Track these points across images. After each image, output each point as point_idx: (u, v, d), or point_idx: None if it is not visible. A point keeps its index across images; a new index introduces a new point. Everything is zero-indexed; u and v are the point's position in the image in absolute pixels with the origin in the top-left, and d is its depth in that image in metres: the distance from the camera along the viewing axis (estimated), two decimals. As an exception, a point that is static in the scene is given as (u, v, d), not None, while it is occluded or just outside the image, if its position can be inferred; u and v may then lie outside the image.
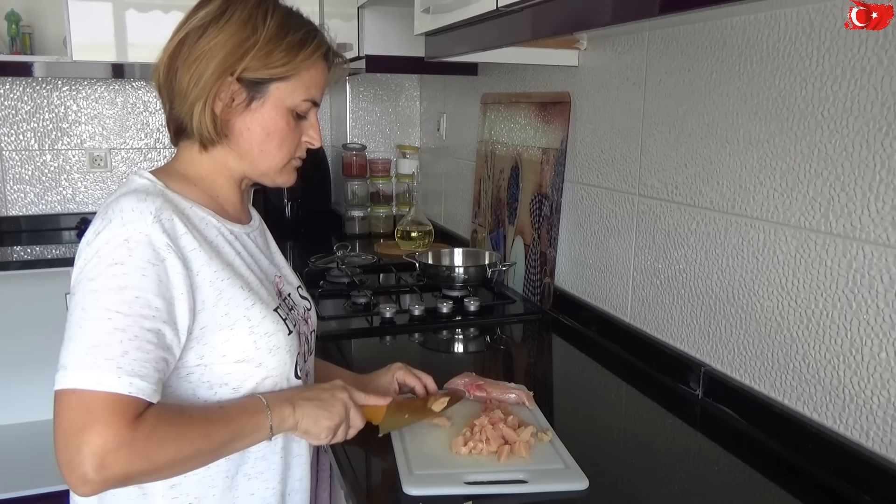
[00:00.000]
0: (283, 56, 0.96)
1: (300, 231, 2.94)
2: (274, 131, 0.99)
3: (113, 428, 0.80)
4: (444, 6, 1.42)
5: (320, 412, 0.98)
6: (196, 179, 1.01)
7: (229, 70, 0.94)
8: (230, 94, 0.96)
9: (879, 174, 0.98)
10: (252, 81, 0.96)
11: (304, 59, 0.98)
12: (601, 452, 1.15)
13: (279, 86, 0.98)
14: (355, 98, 3.05)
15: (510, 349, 1.75)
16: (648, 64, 1.46)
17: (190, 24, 0.96)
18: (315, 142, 1.05)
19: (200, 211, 0.98)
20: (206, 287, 0.91)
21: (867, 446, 1.02)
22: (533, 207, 1.90)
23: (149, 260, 0.86)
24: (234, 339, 0.94)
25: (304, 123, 1.03)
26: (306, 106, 1.01)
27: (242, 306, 0.94)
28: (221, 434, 0.89)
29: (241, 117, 0.98)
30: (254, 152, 1.00)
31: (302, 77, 0.99)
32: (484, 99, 2.25)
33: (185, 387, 0.93)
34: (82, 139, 3.10)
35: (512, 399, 1.23)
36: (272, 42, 0.95)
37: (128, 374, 0.82)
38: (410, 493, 0.98)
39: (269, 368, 0.97)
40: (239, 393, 0.96)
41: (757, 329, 1.22)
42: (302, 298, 1.14)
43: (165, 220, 0.89)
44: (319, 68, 1.01)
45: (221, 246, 0.97)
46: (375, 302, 1.86)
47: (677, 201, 1.39)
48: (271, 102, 0.98)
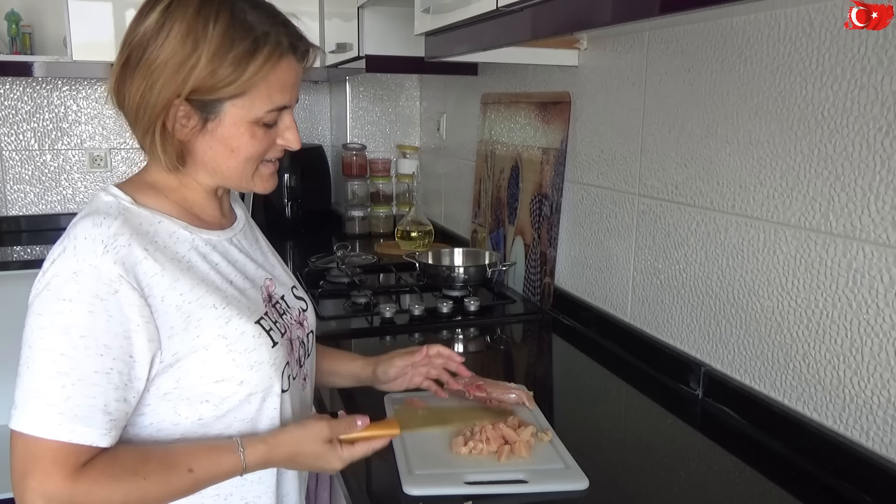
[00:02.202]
0: (230, 73, 0.86)
1: (300, 231, 2.94)
2: (238, 147, 0.91)
3: (52, 478, 0.79)
4: (444, 6, 1.42)
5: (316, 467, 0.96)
6: (167, 191, 0.94)
7: (175, 94, 0.86)
8: (183, 117, 0.88)
9: (879, 174, 0.98)
10: (202, 102, 0.87)
11: (256, 71, 0.87)
12: (601, 452, 1.15)
13: (234, 102, 0.88)
14: (355, 98, 3.05)
15: (510, 349, 1.75)
16: (648, 64, 1.46)
17: (131, 43, 0.87)
18: (292, 145, 0.95)
19: (171, 224, 0.91)
20: (174, 312, 0.86)
21: (867, 446, 1.02)
22: (533, 207, 1.90)
23: (97, 295, 0.81)
24: (210, 360, 0.89)
25: (277, 128, 0.94)
26: (273, 115, 0.91)
27: (215, 325, 0.89)
28: (183, 482, 0.86)
29: (201, 137, 0.90)
30: (221, 169, 0.93)
31: (260, 88, 0.88)
32: (484, 99, 2.25)
33: (164, 406, 0.89)
34: (82, 139, 3.10)
35: (512, 399, 1.23)
36: (216, 58, 0.85)
37: (69, 421, 0.79)
38: (410, 493, 0.98)
39: (252, 385, 0.92)
40: (221, 410, 0.91)
41: (757, 329, 1.22)
42: (297, 299, 1.08)
43: (121, 246, 0.84)
44: (281, 72, 0.89)
45: (194, 261, 0.91)
46: (375, 302, 1.86)
47: (677, 201, 1.39)
48: (230, 121, 0.89)
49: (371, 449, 0.96)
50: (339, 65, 2.52)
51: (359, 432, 0.95)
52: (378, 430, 0.98)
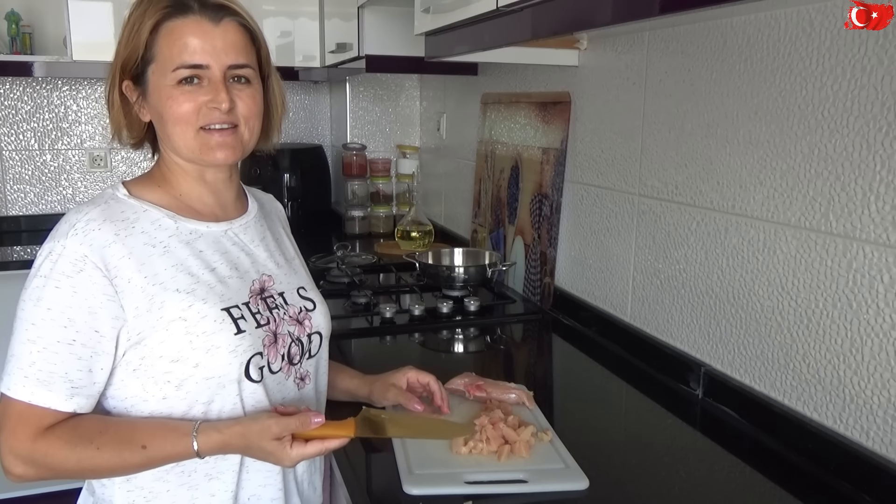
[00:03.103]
0: (128, 39, 0.96)
1: (300, 231, 2.92)
2: (164, 111, 0.97)
3: (14, 437, 0.89)
4: (444, 6, 1.42)
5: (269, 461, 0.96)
6: (160, 181, 1.03)
7: (119, 76, 0.98)
8: (130, 95, 0.99)
9: (879, 174, 0.98)
10: (134, 76, 0.98)
11: (149, 31, 0.95)
12: (601, 452, 1.15)
13: (152, 68, 0.96)
14: (355, 98, 3.05)
15: (510, 349, 1.75)
16: (648, 64, 1.46)
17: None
18: (218, 103, 0.95)
19: (157, 213, 0.99)
20: (138, 294, 0.92)
21: (867, 446, 1.02)
22: (533, 207, 1.90)
23: (64, 272, 0.90)
24: (168, 340, 0.93)
25: (202, 88, 0.96)
26: (185, 73, 0.95)
27: (178, 307, 0.94)
28: (136, 457, 0.92)
29: (146, 112, 1.00)
30: (166, 140, 1.00)
31: (161, 49, 0.95)
32: (484, 99, 2.25)
33: (133, 382, 0.95)
34: (82, 139, 3.10)
35: (512, 399, 1.23)
36: (125, 32, 0.97)
37: (32, 384, 0.88)
38: (410, 493, 0.98)
39: (210, 369, 0.94)
40: (182, 391, 0.95)
41: (757, 329, 1.22)
42: (303, 299, 1.09)
43: (91, 230, 0.92)
44: (173, 30, 0.95)
45: (173, 247, 0.97)
46: (375, 302, 1.86)
47: (677, 201, 1.39)
48: (152, 87, 0.97)
49: (325, 448, 0.94)
50: (339, 65, 2.52)
51: (312, 430, 0.93)
52: (332, 431, 0.94)
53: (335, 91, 3.28)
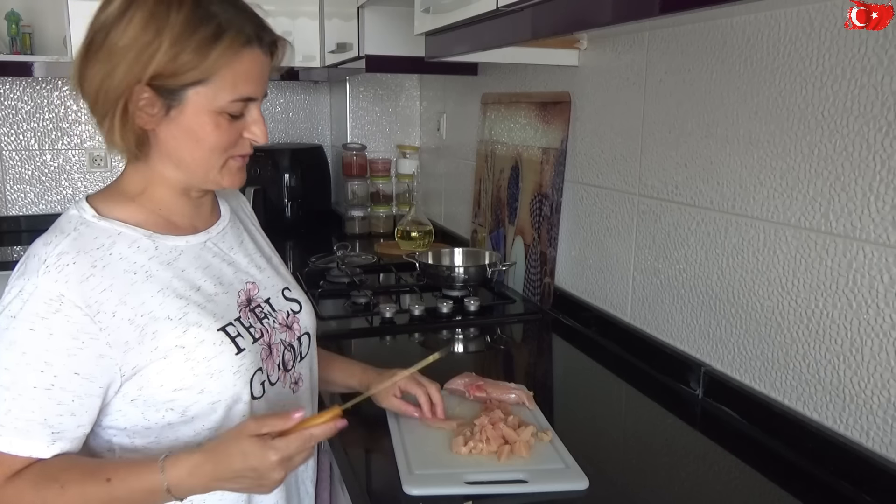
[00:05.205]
0: (192, 59, 0.85)
1: (300, 231, 2.94)
2: (202, 138, 0.89)
3: None
4: (444, 6, 1.42)
5: (255, 488, 0.87)
6: (135, 195, 0.94)
7: (136, 79, 0.85)
8: (145, 104, 0.86)
9: (879, 174, 0.98)
10: (164, 89, 0.86)
11: (219, 56, 0.86)
12: (601, 452, 1.15)
13: (198, 90, 0.87)
14: (355, 98, 3.05)
15: (510, 349, 1.75)
16: (648, 64, 1.46)
17: (94, 27, 0.87)
18: (258, 138, 0.93)
19: (133, 233, 0.91)
20: (126, 326, 0.86)
21: (867, 446, 1.02)
22: (533, 207, 1.90)
23: (38, 313, 0.83)
24: (168, 369, 0.88)
25: (244, 120, 0.92)
26: (238, 106, 0.90)
27: (172, 335, 0.88)
28: (99, 492, 0.84)
29: (165, 126, 0.89)
30: (186, 161, 0.91)
31: (224, 76, 0.87)
32: (484, 99, 2.25)
33: (132, 411, 0.90)
34: (82, 139, 3.10)
35: (512, 399, 1.23)
36: (178, 43, 0.84)
37: (8, 433, 0.82)
38: (410, 493, 0.98)
39: (214, 393, 0.91)
40: (187, 416, 0.91)
41: (757, 329, 1.22)
42: (288, 301, 1.06)
43: (65, 265, 0.84)
44: (245, 61, 0.88)
45: (154, 271, 0.90)
46: (375, 302, 1.86)
47: (677, 201, 1.39)
48: (192, 109, 0.88)
49: (311, 437, 0.86)
50: (339, 65, 2.52)
51: (294, 424, 0.86)
52: (315, 420, 0.88)
53: (335, 91, 3.28)
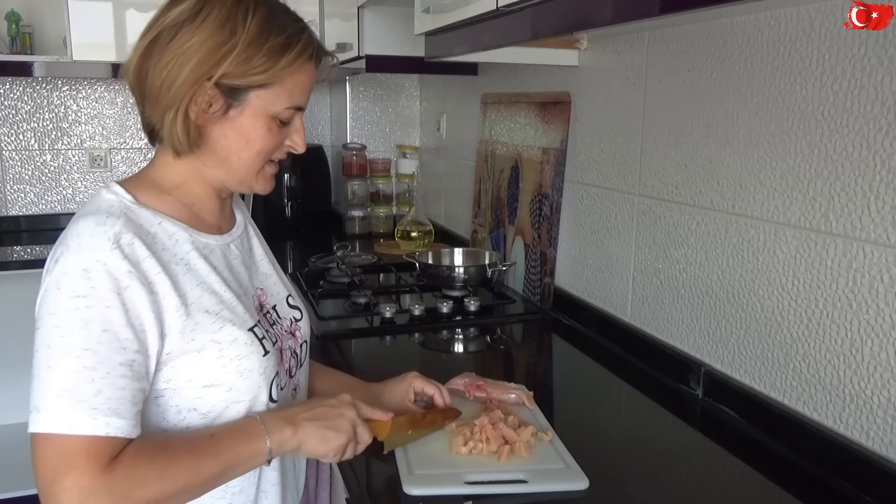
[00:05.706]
0: (263, 63, 0.89)
1: (300, 231, 2.94)
2: (254, 139, 0.93)
3: (88, 474, 0.77)
4: (444, 6, 1.42)
5: (328, 432, 0.93)
6: (170, 188, 0.95)
7: (205, 76, 0.87)
8: (206, 101, 0.89)
9: (879, 174, 0.98)
10: (230, 88, 0.89)
11: (287, 65, 0.90)
12: (601, 452, 1.15)
13: (259, 93, 0.91)
14: (355, 98, 3.05)
15: (510, 349, 1.75)
16: (648, 64, 1.46)
17: (162, 23, 0.89)
18: (298, 147, 0.99)
19: (171, 226, 0.92)
20: (172, 312, 0.86)
21: (867, 446, 1.02)
22: (533, 207, 1.90)
23: (111, 289, 0.81)
24: (201, 363, 0.89)
25: (288, 128, 0.97)
26: (290, 113, 0.95)
27: (210, 330, 0.89)
28: (211, 467, 0.85)
29: (219, 125, 0.92)
30: (231, 160, 0.94)
31: (285, 84, 0.92)
32: (484, 99, 2.25)
33: (153, 410, 0.89)
34: (82, 139, 3.10)
35: (512, 399, 1.23)
36: (252, 47, 0.88)
37: (104, 415, 0.79)
38: (411, 493, 0.98)
39: (241, 392, 0.92)
40: (208, 419, 0.91)
41: (757, 329, 1.22)
42: (291, 308, 1.08)
43: (125, 244, 0.84)
44: (304, 73, 0.94)
45: (194, 262, 0.92)
46: (375, 302, 1.86)
47: (677, 201, 1.39)
48: (251, 111, 0.92)
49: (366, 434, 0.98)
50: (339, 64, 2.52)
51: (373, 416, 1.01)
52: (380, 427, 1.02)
53: (335, 91, 3.28)
